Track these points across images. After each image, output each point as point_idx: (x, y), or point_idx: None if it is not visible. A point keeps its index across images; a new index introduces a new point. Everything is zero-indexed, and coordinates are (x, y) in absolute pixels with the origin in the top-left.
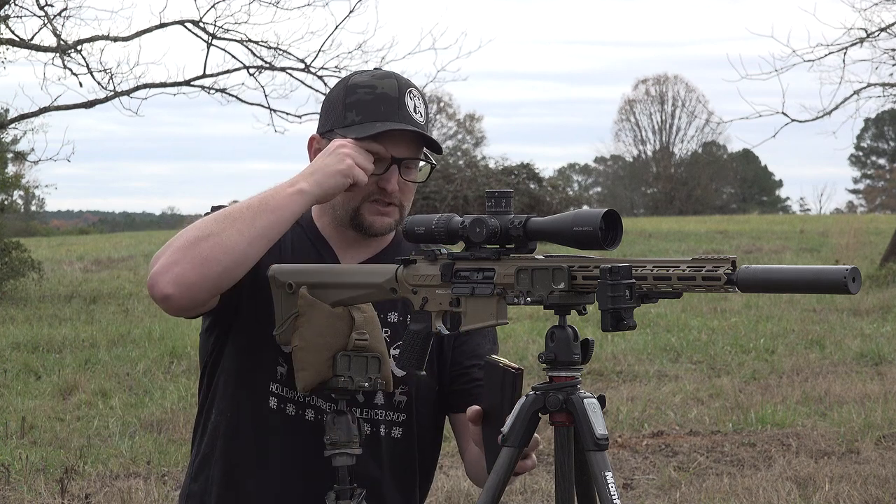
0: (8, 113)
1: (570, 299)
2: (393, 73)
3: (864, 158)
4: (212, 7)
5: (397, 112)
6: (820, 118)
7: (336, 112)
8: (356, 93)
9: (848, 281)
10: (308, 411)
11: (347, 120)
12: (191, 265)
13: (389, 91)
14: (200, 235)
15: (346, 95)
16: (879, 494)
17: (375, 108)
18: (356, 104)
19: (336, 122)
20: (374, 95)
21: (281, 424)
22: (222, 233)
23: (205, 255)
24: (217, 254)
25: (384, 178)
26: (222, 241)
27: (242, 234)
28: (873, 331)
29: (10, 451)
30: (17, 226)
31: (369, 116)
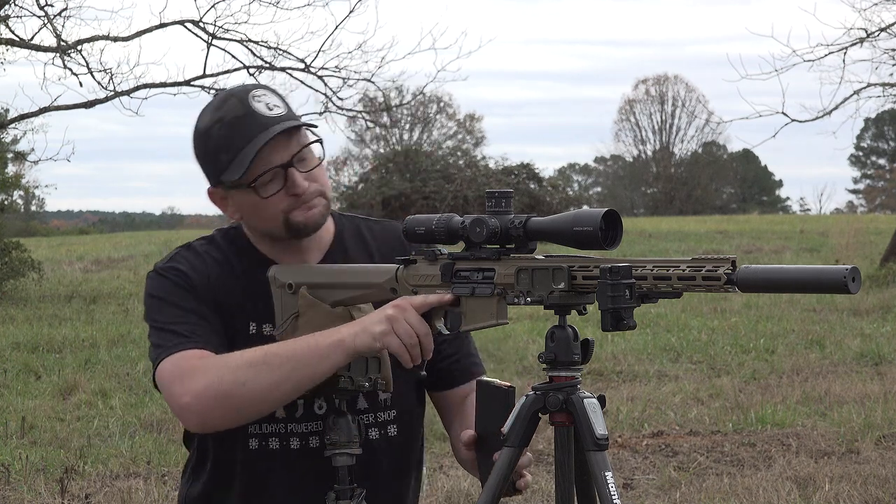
0: (8, 113)
1: (570, 299)
2: (230, 92)
3: (864, 158)
4: (212, 7)
5: (254, 125)
6: (820, 118)
7: (210, 162)
8: (210, 135)
9: (848, 281)
10: (293, 440)
11: (223, 163)
12: (221, 415)
13: (235, 112)
14: (235, 383)
15: (206, 142)
16: (879, 494)
17: (235, 136)
18: (218, 145)
19: (216, 170)
20: (226, 125)
21: (267, 461)
22: (258, 382)
23: (236, 406)
24: (248, 406)
25: (289, 186)
26: (257, 392)
27: (278, 387)
28: (873, 331)
29: (10, 451)
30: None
31: (235, 148)
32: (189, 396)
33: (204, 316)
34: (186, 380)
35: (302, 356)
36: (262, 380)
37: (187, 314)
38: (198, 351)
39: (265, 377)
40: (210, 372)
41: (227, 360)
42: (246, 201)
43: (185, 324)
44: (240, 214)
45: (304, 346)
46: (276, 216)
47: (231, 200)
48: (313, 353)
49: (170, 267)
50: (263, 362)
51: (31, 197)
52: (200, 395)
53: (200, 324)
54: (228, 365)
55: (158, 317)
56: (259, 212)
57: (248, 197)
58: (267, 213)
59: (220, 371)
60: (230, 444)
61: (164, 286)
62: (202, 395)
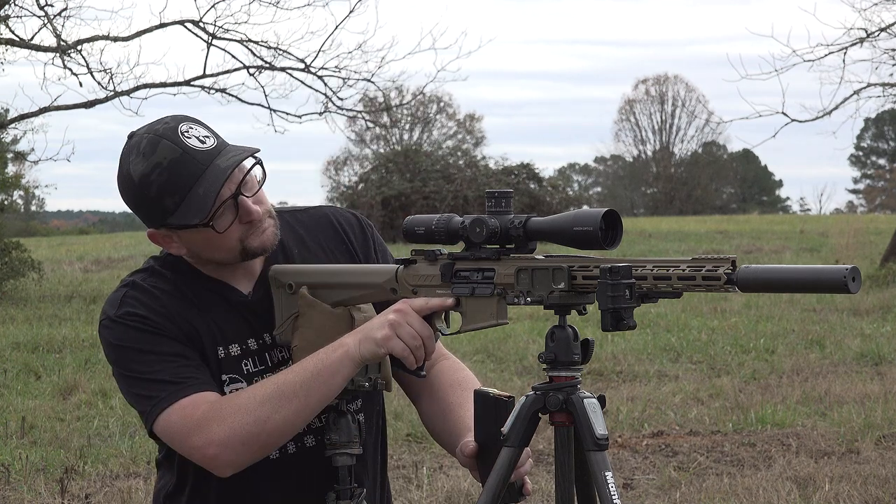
0: (8, 113)
1: (570, 299)
2: (157, 134)
3: (864, 158)
4: (212, 7)
5: (193, 163)
6: (820, 118)
7: (152, 208)
8: (149, 182)
9: (848, 280)
10: (289, 445)
11: (170, 207)
12: (250, 455)
13: (171, 155)
14: (258, 422)
15: (144, 190)
16: (879, 494)
17: (177, 179)
18: (162, 191)
19: (161, 215)
20: (165, 170)
21: (262, 469)
22: (278, 416)
23: (263, 444)
24: (274, 439)
25: (241, 215)
26: (280, 426)
27: (299, 415)
28: (873, 331)
29: (10, 451)
30: (17, 226)
31: (181, 191)
32: (214, 448)
33: (182, 355)
34: (204, 430)
35: (314, 379)
36: (282, 413)
37: (165, 358)
38: (198, 395)
39: (285, 409)
40: (227, 418)
41: (241, 402)
42: (197, 238)
43: (168, 370)
44: (187, 250)
45: (313, 367)
46: (234, 246)
47: (178, 239)
48: (324, 373)
49: (126, 313)
50: (279, 395)
51: (31, 197)
52: (226, 444)
53: (184, 364)
54: (244, 406)
55: (136, 367)
56: (214, 245)
57: (200, 234)
58: (223, 245)
59: (238, 415)
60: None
61: (129, 334)
62: (228, 443)
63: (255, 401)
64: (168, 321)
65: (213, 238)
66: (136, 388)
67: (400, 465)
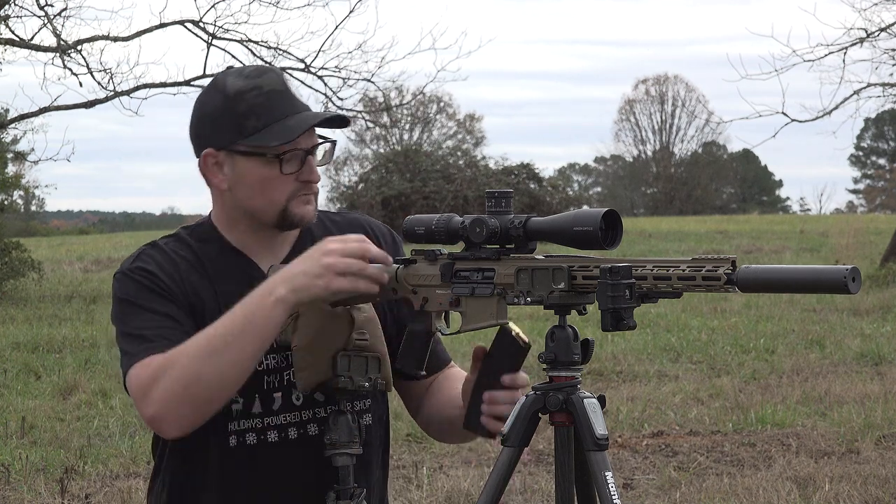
0: (8, 113)
1: (570, 299)
2: (266, 66)
3: (864, 158)
4: (212, 7)
5: (292, 103)
6: (820, 118)
7: (228, 124)
8: (244, 99)
9: (848, 281)
10: (270, 433)
11: (248, 128)
12: (191, 410)
13: (276, 85)
14: (193, 379)
15: (234, 103)
16: (879, 494)
17: (273, 107)
18: (250, 110)
19: (234, 133)
20: (264, 94)
21: (246, 458)
22: (214, 370)
23: (203, 398)
24: (213, 393)
25: (304, 172)
26: (216, 379)
27: (235, 366)
28: (873, 331)
29: (10, 451)
30: (17, 226)
31: (271, 117)
32: (153, 407)
33: (173, 317)
34: (148, 391)
35: (245, 329)
36: (214, 366)
37: (155, 317)
38: (158, 356)
39: (216, 362)
40: (163, 377)
41: (174, 359)
42: (253, 174)
43: (152, 328)
44: (230, 184)
45: (243, 317)
46: (279, 200)
47: (230, 170)
48: (256, 322)
49: (137, 267)
50: (210, 349)
51: (31, 197)
52: (164, 402)
53: (168, 326)
54: (177, 363)
55: (129, 321)
56: (263, 188)
57: (258, 170)
58: (272, 191)
59: (172, 372)
60: (205, 443)
61: (133, 288)
62: (165, 402)
63: (186, 357)
64: (175, 284)
65: (269, 179)
66: (122, 344)
67: (400, 465)
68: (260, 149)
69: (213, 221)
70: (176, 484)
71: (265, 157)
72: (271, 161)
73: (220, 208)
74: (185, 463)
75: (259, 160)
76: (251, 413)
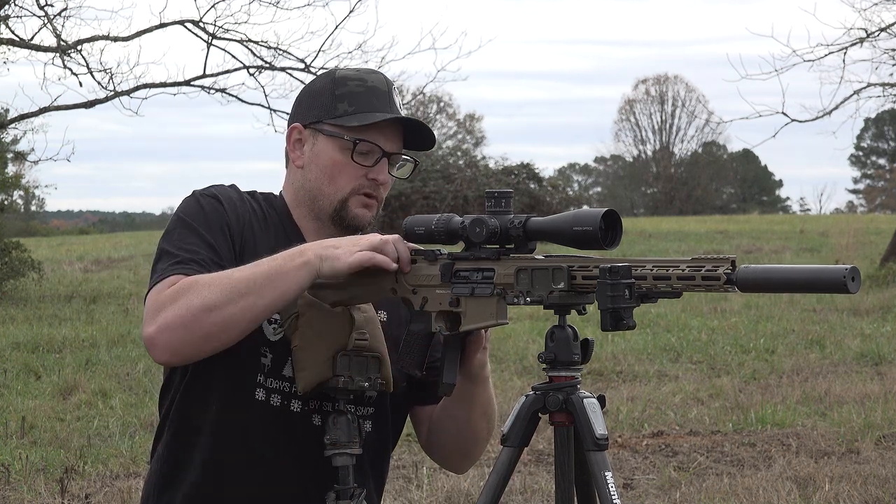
0: (8, 113)
1: (570, 299)
2: (379, 70)
3: (864, 158)
4: (212, 7)
5: (388, 105)
6: (820, 118)
7: (324, 103)
8: (346, 85)
9: (847, 280)
10: (294, 402)
11: (339, 111)
12: (191, 340)
13: (379, 85)
14: (204, 307)
15: (335, 87)
16: (879, 494)
17: (368, 99)
18: (347, 95)
19: (325, 113)
20: (366, 88)
21: (269, 416)
22: (226, 307)
23: (206, 332)
24: (218, 331)
25: (375, 169)
26: (225, 317)
27: (246, 313)
28: (873, 331)
29: (10, 451)
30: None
31: (362, 107)
32: (155, 326)
33: (216, 248)
34: (161, 309)
35: (268, 280)
36: (230, 305)
37: (199, 242)
38: (178, 277)
39: (234, 303)
40: (180, 300)
41: (196, 286)
42: (327, 155)
43: (190, 251)
44: (305, 162)
45: (268, 269)
46: (341, 189)
47: (311, 147)
48: (279, 277)
49: (209, 194)
50: (231, 287)
51: (31, 197)
52: (168, 324)
53: (206, 255)
54: (197, 291)
55: (173, 237)
56: (334, 172)
57: (334, 152)
58: (340, 176)
59: (189, 297)
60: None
61: (193, 210)
62: (170, 323)
63: (206, 287)
64: (236, 221)
65: (339, 164)
66: (157, 262)
67: (400, 465)
68: (340, 130)
69: (283, 199)
70: (180, 430)
71: (342, 139)
72: (347, 145)
73: (289, 188)
74: (206, 412)
75: (336, 143)
76: (281, 374)
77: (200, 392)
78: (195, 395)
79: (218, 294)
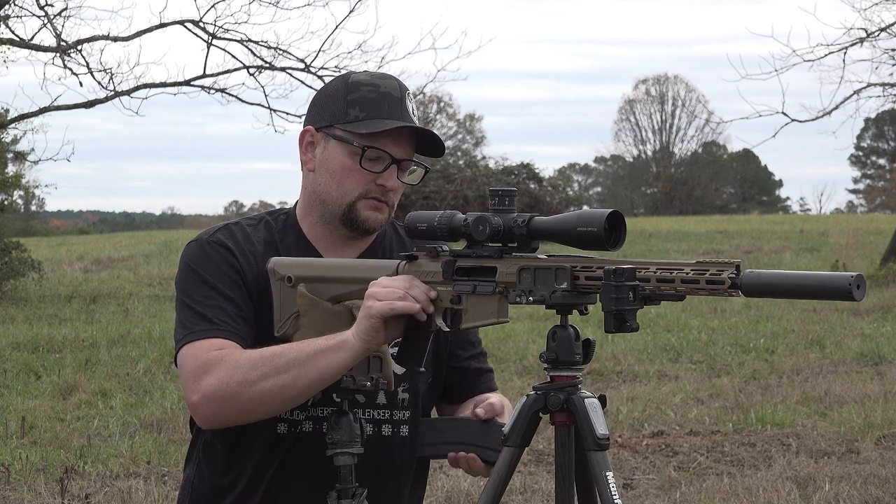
0: (8, 113)
1: (573, 299)
2: (392, 75)
3: (864, 158)
4: (212, 7)
5: (399, 112)
6: (820, 118)
7: (336, 107)
8: (359, 90)
9: (853, 288)
10: (307, 423)
11: (350, 116)
12: (228, 413)
13: (392, 91)
14: (243, 384)
15: (348, 91)
16: (879, 494)
17: (379, 105)
18: (359, 101)
19: (336, 117)
20: (378, 94)
21: (287, 444)
22: (265, 384)
23: (243, 406)
24: (255, 405)
25: (384, 175)
26: (263, 394)
27: (286, 389)
28: (873, 331)
29: (10, 451)
30: (17, 226)
31: (373, 114)
32: (198, 395)
33: (236, 301)
34: (200, 376)
35: (311, 358)
36: (269, 382)
37: (221, 297)
38: (219, 341)
39: (273, 379)
40: (220, 371)
41: (237, 360)
42: (336, 160)
43: (216, 308)
44: (315, 165)
45: (313, 348)
46: (349, 193)
47: (322, 148)
48: (321, 356)
49: (216, 240)
50: (273, 364)
51: (31, 197)
52: (209, 397)
53: (233, 312)
54: (238, 365)
55: (192, 292)
56: (343, 176)
57: (343, 157)
58: (348, 181)
59: (229, 371)
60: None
61: (204, 260)
62: (211, 396)
63: (249, 362)
64: (248, 266)
65: (348, 169)
66: (181, 315)
67: None
68: (349, 136)
69: (296, 211)
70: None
71: (352, 145)
72: (356, 151)
73: (302, 192)
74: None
75: (346, 148)
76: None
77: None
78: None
79: (260, 368)
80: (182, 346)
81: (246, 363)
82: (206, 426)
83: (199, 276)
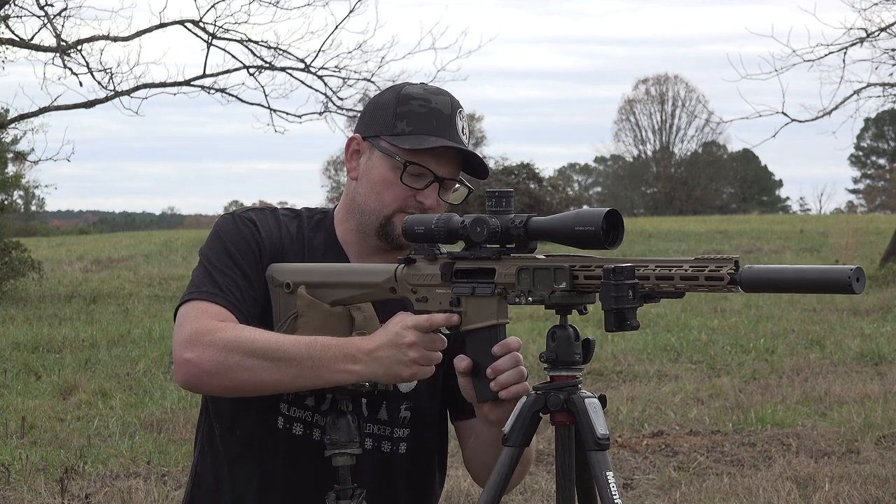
0: (8, 113)
1: (572, 299)
2: (446, 91)
3: (864, 158)
4: (212, 7)
5: (448, 129)
6: (820, 118)
7: (385, 118)
8: (409, 103)
9: (852, 281)
10: (315, 431)
11: (397, 129)
12: (218, 381)
13: (443, 107)
14: (241, 367)
15: (398, 104)
16: (879, 494)
17: (427, 121)
18: (408, 114)
19: (384, 128)
20: (428, 109)
21: (287, 445)
22: (261, 370)
23: (234, 383)
24: (245, 386)
25: (424, 193)
26: (256, 378)
27: (277, 384)
28: (873, 331)
29: (10, 451)
30: (17, 226)
31: (421, 129)
32: (191, 355)
33: (251, 279)
34: (197, 339)
35: (312, 363)
36: (262, 372)
37: (236, 269)
38: (222, 310)
39: (267, 371)
40: (221, 343)
41: (241, 338)
42: (380, 170)
43: (229, 277)
44: (358, 174)
45: (319, 353)
46: (388, 204)
47: (366, 158)
48: (324, 366)
49: (248, 217)
50: (273, 356)
51: (31, 197)
52: (199, 365)
53: (243, 286)
54: (241, 344)
55: (213, 258)
56: (382, 188)
57: (385, 169)
58: (387, 193)
59: (231, 347)
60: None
61: (232, 231)
62: (205, 362)
63: (250, 346)
64: (272, 247)
65: (388, 182)
66: (196, 273)
67: None
68: (394, 149)
69: (334, 213)
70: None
71: (394, 159)
72: (398, 166)
73: (344, 198)
74: (231, 430)
75: (389, 161)
76: (304, 404)
77: (227, 413)
78: (222, 415)
79: (259, 353)
80: (187, 300)
81: (247, 345)
82: (182, 385)
83: (224, 245)
